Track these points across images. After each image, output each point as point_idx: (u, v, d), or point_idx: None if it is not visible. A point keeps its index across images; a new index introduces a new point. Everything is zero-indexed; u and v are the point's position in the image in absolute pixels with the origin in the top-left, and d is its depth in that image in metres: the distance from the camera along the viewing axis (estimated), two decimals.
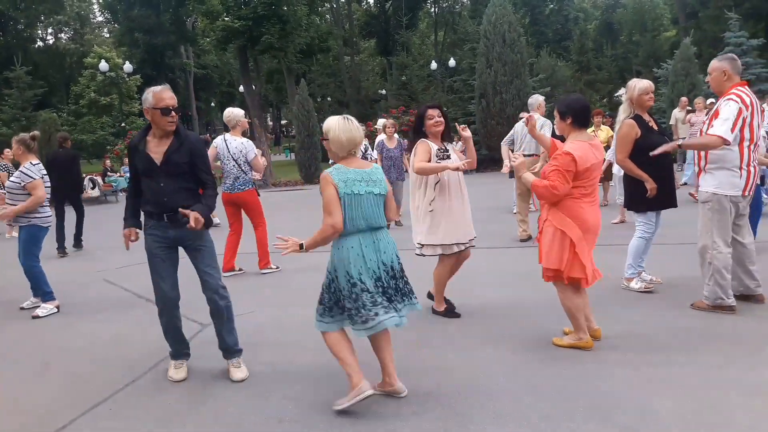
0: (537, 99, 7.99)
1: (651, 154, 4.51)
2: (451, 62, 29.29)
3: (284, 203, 14.20)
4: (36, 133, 5.98)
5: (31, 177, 5.56)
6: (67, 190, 8.96)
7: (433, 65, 31.71)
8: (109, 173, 20.08)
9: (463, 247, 4.64)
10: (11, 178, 5.69)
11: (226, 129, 6.76)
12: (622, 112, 5.03)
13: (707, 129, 4.34)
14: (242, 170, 6.53)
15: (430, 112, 4.59)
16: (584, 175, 3.73)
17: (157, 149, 3.64)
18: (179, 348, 3.97)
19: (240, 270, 6.73)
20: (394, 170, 9.47)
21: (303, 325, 4.75)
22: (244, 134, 6.75)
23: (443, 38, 44.31)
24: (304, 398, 3.43)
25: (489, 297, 5.27)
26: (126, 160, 21.83)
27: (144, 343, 4.57)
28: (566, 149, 3.74)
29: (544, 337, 4.15)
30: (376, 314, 3.06)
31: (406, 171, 9.19)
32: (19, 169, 5.65)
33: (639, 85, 4.97)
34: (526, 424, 2.97)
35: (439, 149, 4.56)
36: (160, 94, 3.56)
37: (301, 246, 3.16)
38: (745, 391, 3.19)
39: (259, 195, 6.84)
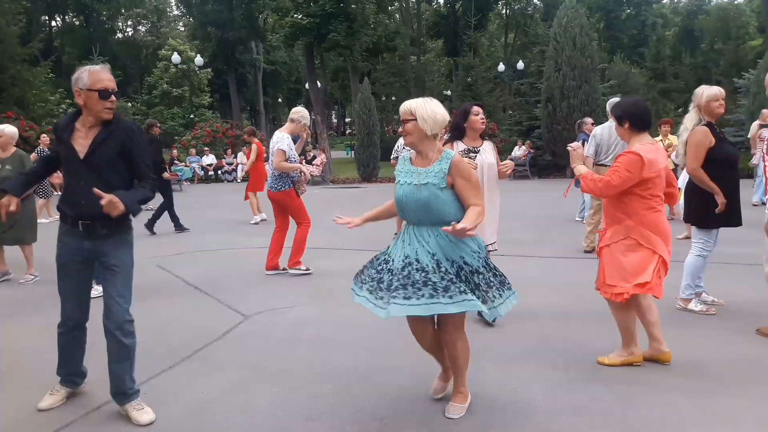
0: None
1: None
2: (520, 65, 28.78)
3: (339, 201, 14.28)
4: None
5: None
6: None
7: (501, 67, 31.23)
8: (176, 162, 20.78)
9: None
10: None
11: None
12: (689, 120, 4.70)
13: None
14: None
15: (476, 108, 4.54)
16: (656, 181, 3.52)
17: (83, 141, 3.05)
18: (68, 369, 3.39)
19: (284, 269, 6.59)
20: None
21: (340, 324, 4.71)
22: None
23: (513, 40, 43.60)
24: (334, 398, 3.37)
25: (534, 307, 5.06)
26: (192, 150, 22.68)
27: (187, 330, 4.64)
28: (633, 149, 3.51)
29: (589, 353, 3.94)
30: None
31: None
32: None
33: (707, 91, 4.65)
34: None
35: (465, 150, 4.44)
36: (98, 74, 3.02)
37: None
38: None
39: (299, 195, 6.51)
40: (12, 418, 3.23)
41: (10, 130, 6.39)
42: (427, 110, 2.95)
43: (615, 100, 7.43)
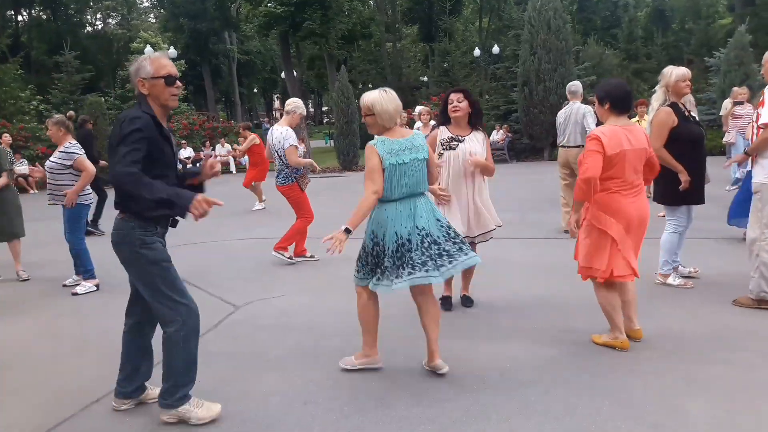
0: (579, 86, 7.65)
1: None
2: (495, 49, 28.86)
3: (321, 190, 14.29)
4: (72, 113, 6.11)
5: (77, 153, 5.72)
6: None
7: (477, 52, 31.30)
8: None
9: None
10: (53, 159, 5.80)
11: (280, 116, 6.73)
12: (656, 100, 4.85)
13: (756, 120, 4.16)
14: (283, 162, 6.35)
15: (452, 96, 4.41)
16: (616, 162, 3.54)
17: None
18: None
19: (312, 257, 6.62)
20: None
21: (329, 311, 4.79)
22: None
23: (488, 24, 43.67)
24: (329, 382, 3.45)
25: (518, 289, 5.19)
26: None
27: None
28: (594, 132, 3.62)
29: (575, 332, 4.07)
30: (411, 271, 3.19)
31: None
32: (60, 149, 5.77)
33: (676, 71, 4.78)
34: (552, 417, 2.92)
35: (448, 138, 4.41)
36: (160, 60, 2.92)
37: (346, 230, 3.18)
38: None
39: (303, 190, 6.55)
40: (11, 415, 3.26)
41: None
42: (382, 105, 3.29)
43: (576, 83, 7.72)
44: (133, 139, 2.72)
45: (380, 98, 3.30)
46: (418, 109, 10.66)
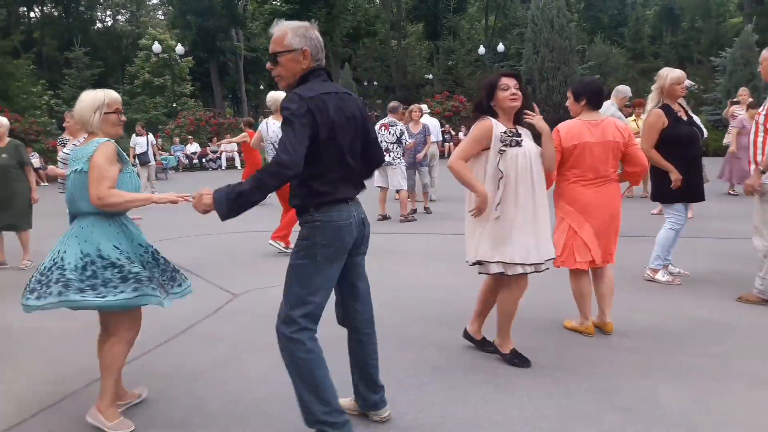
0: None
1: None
2: (500, 47, 28.95)
3: None
4: None
5: None
6: None
7: (482, 50, 31.38)
8: (160, 152, 20.83)
9: (531, 269, 3.41)
10: (68, 150, 6.02)
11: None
12: (650, 101, 4.99)
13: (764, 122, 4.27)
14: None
15: (505, 81, 3.36)
16: (574, 153, 3.73)
17: None
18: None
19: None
20: (410, 155, 9.27)
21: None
22: None
23: (494, 22, 43.70)
24: None
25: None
26: (176, 139, 22.65)
27: (179, 307, 4.78)
28: (557, 126, 3.83)
29: (554, 320, 4.23)
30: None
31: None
32: (76, 142, 5.95)
33: (671, 74, 4.91)
34: (526, 400, 3.09)
35: (507, 132, 3.33)
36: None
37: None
38: (750, 381, 3.22)
39: None
40: (16, 393, 3.45)
41: (5, 120, 6.59)
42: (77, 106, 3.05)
43: (625, 88, 7.77)
44: None
45: (79, 99, 3.07)
46: (412, 106, 10.84)
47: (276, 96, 6.78)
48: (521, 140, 3.34)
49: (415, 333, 4.13)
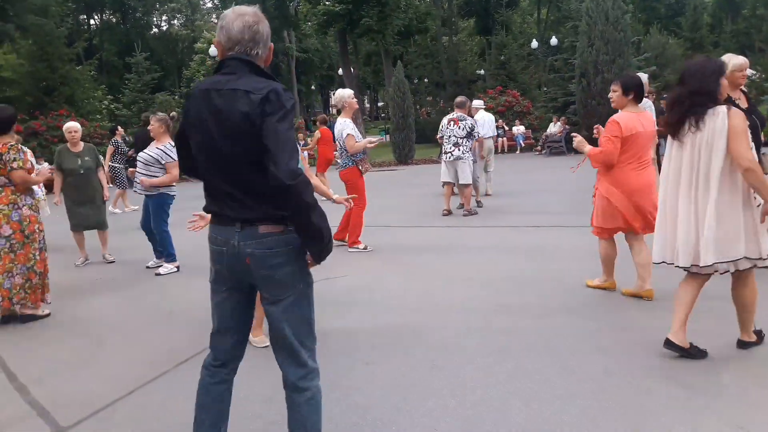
0: (642, 79, 7.64)
1: None
2: (553, 41, 28.56)
3: (376, 183, 14.69)
4: (174, 113, 6.60)
5: (172, 158, 6.08)
6: None
7: (534, 44, 31.01)
8: None
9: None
10: (149, 151, 6.26)
11: (338, 112, 7.06)
12: None
13: None
14: (344, 150, 6.73)
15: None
16: (629, 141, 4.31)
17: None
18: None
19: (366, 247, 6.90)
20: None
21: (386, 290, 5.17)
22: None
23: (546, 15, 43.06)
24: (388, 347, 3.82)
25: (570, 270, 5.41)
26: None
27: None
28: (614, 118, 4.32)
29: (616, 309, 4.29)
30: None
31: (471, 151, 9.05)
32: (159, 146, 6.19)
33: (734, 60, 4.81)
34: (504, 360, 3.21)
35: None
36: None
37: None
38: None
39: (362, 175, 6.85)
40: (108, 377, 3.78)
41: (78, 125, 7.02)
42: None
43: (643, 75, 7.68)
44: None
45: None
46: (477, 102, 10.91)
47: (342, 93, 6.92)
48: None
49: None
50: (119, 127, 13.05)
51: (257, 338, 3.94)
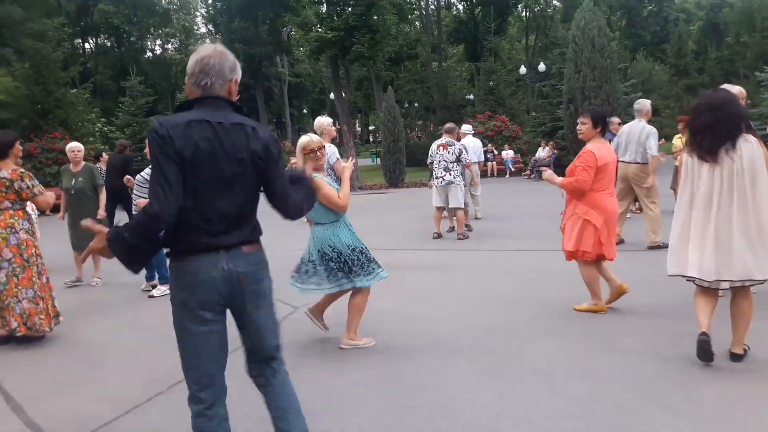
0: (645, 105, 7.72)
1: None
2: (541, 66, 29.08)
3: (367, 206, 14.83)
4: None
5: None
6: (117, 191, 8.40)
7: (523, 70, 31.56)
8: None
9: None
10: (145, 174, 6.39)
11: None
12: None
13: None
14: (334, 173, 6.80)
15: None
16: (603, 170, 4.68)
17: None
18: None
19: None
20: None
21: (376, 310, 5.27)
22: (333, 141, 7.18)
23: (534, 42, 43.86)
24: (379, 368, 3.92)
25: (558, 294, 5.54)
26: None
27: None
28: (588, 148, 4.65)
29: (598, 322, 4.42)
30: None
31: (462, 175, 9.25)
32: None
33: (733, 90, 4.99)
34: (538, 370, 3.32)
35: None
36: None
37: None
38: None
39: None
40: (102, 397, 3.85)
41: (80, 145, 7.18)
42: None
43: (646, 102, 7.82)
44: None
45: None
46: (466, 127, 11.12)
47: (322, 121, 7.03)
48: None
49: None
50: (104, 154, 12.74)
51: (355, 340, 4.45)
